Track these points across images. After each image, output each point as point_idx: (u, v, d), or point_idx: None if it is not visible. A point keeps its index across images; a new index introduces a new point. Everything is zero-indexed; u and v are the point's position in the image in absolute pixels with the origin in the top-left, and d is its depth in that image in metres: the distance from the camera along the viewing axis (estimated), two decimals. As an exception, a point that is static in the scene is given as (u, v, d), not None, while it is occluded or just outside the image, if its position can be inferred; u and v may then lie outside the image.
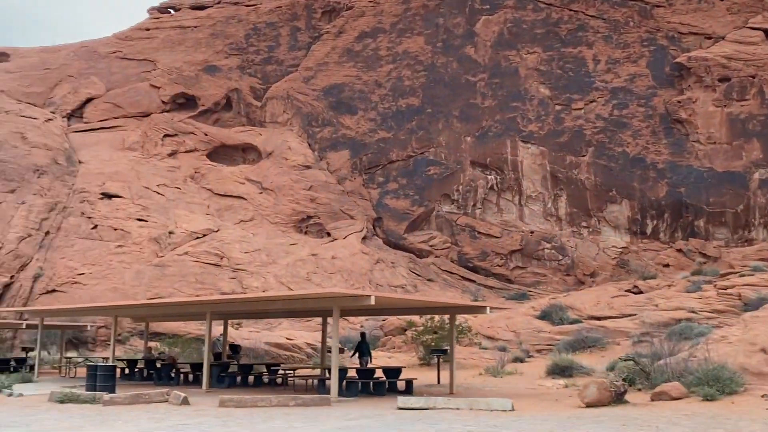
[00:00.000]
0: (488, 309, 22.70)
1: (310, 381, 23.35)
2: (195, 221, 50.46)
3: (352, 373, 22.16)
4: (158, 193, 52.44)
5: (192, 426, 14.32)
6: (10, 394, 20.85)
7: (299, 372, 26.00)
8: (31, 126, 55.23)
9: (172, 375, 25.25)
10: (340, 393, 19.34)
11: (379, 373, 22.48)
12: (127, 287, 43.57)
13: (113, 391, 19.64)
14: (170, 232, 48.56)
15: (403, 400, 17.14)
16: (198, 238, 49.09)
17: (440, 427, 13.88)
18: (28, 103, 58.88)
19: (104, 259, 45.94)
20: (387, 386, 21.64)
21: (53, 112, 58.60)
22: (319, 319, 41.92)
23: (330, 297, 18.69)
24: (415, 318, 33.39)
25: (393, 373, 22.31)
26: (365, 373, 21.43)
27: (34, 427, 14.43)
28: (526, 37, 54.17)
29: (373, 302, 18.26)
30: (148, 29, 64.66)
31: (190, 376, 25.50)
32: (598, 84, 51.60)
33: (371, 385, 21.31)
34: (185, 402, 17.75)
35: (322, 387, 20.92)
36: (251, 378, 25.11)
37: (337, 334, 19.25)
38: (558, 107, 51.85)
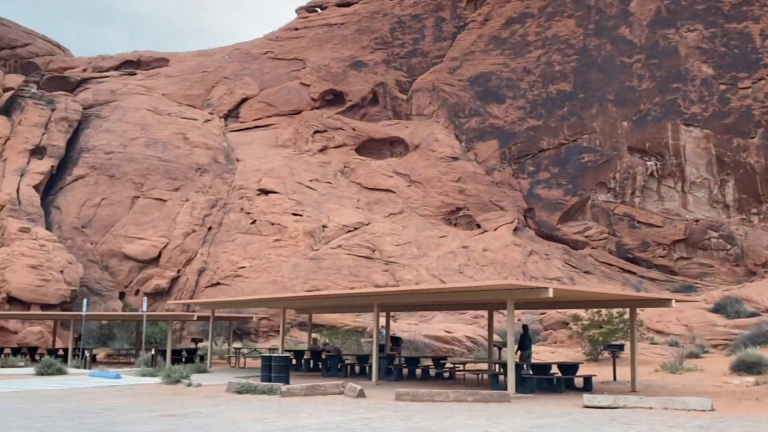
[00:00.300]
0: (673, 302, 21.10)
1: (481, 376, 22.61)
2: (346, 215, 51.01)
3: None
4: (311, 188, 53.43)
5: (375, 419, 13.99)
6: (189, 384, 21.44)
7: (469, 366, 25.28)
8: (191, 127, 57.77)
9: (339, 367, 25.24)
10: (516, 389, 18.50)
11: (552, 369, 21.43)
12: (285, 280, 44.59)
13: (287, 382, 19.77)
14: (323, 226, 49.32)
15: (589, 398, 16.12)
16: (350, 231, 49.57)
17: (640, 429, 12.83)
18: (188, 105, 61.61)
19: (263, 252, 47.28)
20: (564, 383, 20.56)
21: (211, 113, 61.02)
22: (475, 312, 41.58)
23: (505, 289, 17.89)
24: (580, 312, 31.95)
25: (569, 369, 21.21)
26: (540, 368, 20.47)
27: (220, 417, 14.58)
28: (685, 13, 50.88)
29: (551, 294, 17.31)
30: (296, 29, 66.10)
31: (356, 368, 25.43)
32: (766, 60, 47.72)
33: (547, 381, 20.31)
34: (361, 395, 17.53)
35: (495, 382, 20.18)
36: (418, 371, 24.70)
37: (512, 327, 18.44)
38: (723, 87, 48.38)
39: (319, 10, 68.01)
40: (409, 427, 13.04)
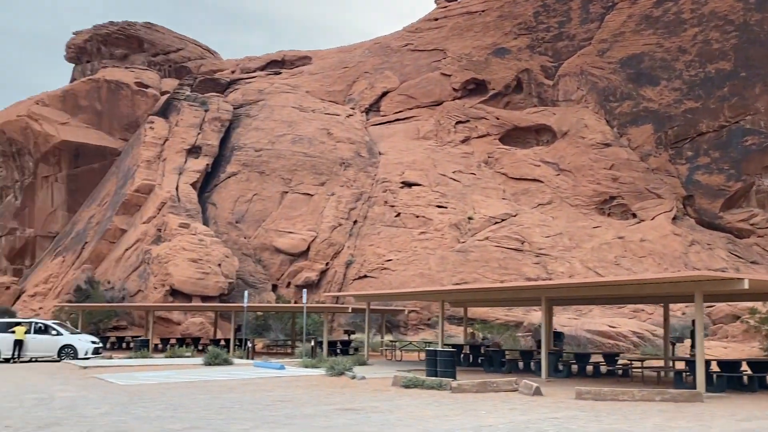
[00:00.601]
0: None
1: (661, 373, 21.11)
2: (492, 206, 49.93)
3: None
4: (454, 180, 52.72)
5: (564, 420, 13.10)
6: (353, 377, 21.26)
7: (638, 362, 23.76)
8: (335, 122, 58.47)
9: (503, 362, 24.37)
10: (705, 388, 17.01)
11: (742, 366, 19.65)
12: (432, 272, 44.14)
13: (454, 377, 19.16)
14: (469, 218, 48.48)
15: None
16: (497, 223, 48.47)
17: None
18: (331, 101, 62.44)
19: (409, 245, 47.04)
20: (757, 381, 18.77)
21: (353, 108, 61.52)
22: (635, 306, 39.51)
23: (694, 280, 16.43)
24: (757, 305, 29.51)
25: (760, 366, 19.33)
26: (729, 366, 18.77)
27: (398, 413, 14.13)
28: None
29: (746, 286, 15.73)
30: (436, 19, 65.47)
31: (520, 364, 24.47)
32: None
33: (737, 379, 18.61)
34: (538, 392, 16.63)
35: (679, 380, 18.71)
36: (588, 368, 23.44)
37: (701, 321, 16.95)
38: None
39: (458, -1, 67.10)
40: (604, 429, 12.07)
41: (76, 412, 14.29)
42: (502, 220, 48.67)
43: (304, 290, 31.45)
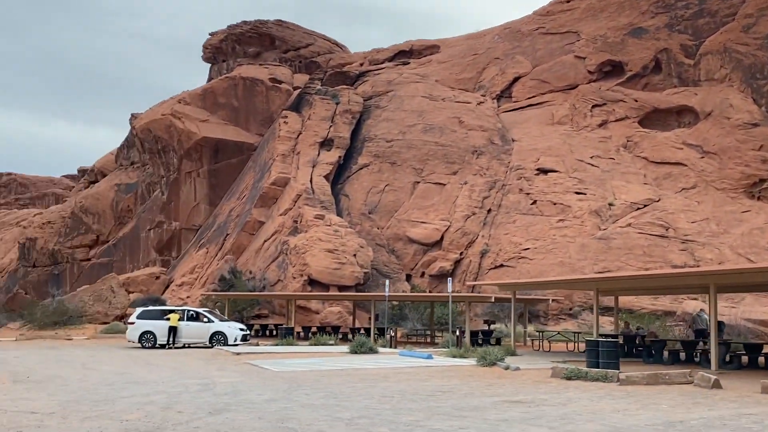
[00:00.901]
0: None
1: None
2: (633, 192, 47.63)
3: None
4: (592, 165, 50.67)
5: (762, 416, 11.81)
6: (507, 368, 20.48)
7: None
8: (465, 110, 57.52)
9: (664, 353, 22.86)
10: None
11: None
12: (573, 261, 42.56)
13: (617, 369, 18.00)
14: (610, 204, 46.46)
15: None
16: (638, 209, 46.20)
17: None
18: (461, 89, 61.50)
19: (547, 233, 45.58)
20: None
21: (483, 95, 60.35)
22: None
23: None
24: None
25: None
26: None
27: (571, 406, 13.32)
28: None
29: None
30: (568, 1, 63.17)
31: (682, 354, 22.88)
32: None
33: None
34: (717, 385, 15.31)
35: None
36: (761, 359, 21.59)
37: None
38: None
39: (590, -21, 64.43)
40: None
41: (242, 398, 14.35)
42: (645, 205, 46.37)
43: (449, 279, 30.87)
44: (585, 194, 47.75)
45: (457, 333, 29.00)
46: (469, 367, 21.41)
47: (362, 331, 35.79)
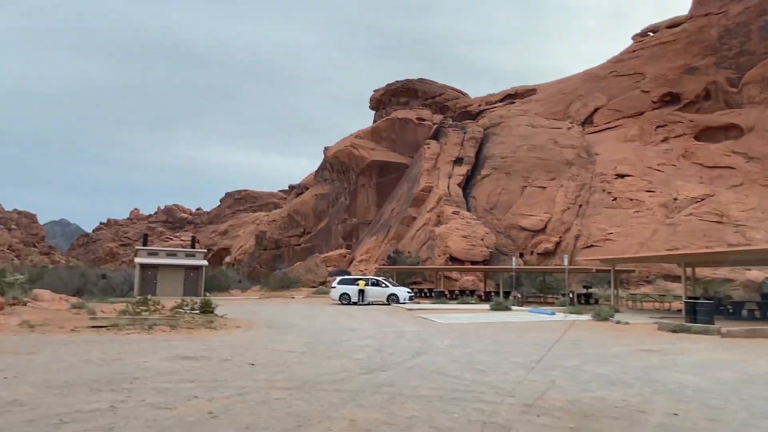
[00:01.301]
0: None
1: None
2: (692, 189, 43.35)
3: None
4: (658, 170, 46.61)
5: None
6: (618, 322, 18.77)
7: None
8: (558, 133, 54.61)
9: (743, 311, 20.22)
10: None
11: None
12: (648, 242, 39.27)
13: (713, 324, 15.95)
14: (675, 199, 42.50)
15: None
16: (698, 202, 41.94)
17: None
18: (554, 119, 58.46)
19: (626, 221, 42.37)
20: None
21: (571, 122, 57.03)
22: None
23: None
24: None
25: None
26: None
27: (697, 356, 11.71)
28: None
29: None
30: (634, 51, 58.53)
31: (757, 313, 20.15)
32: None
33: None
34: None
35: None
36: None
37: None
38: None
39: (651, 33, 59.38)
40: None
41: (429, 344, 13.24)
42: (702, 199, 42.06)
43: (566, 255, 29.04)
44: (654, 192, 43.99)
45: (571, 295, 27.14)
46: (587, 322, 19.85)
47: (493, 294, 34.49)
